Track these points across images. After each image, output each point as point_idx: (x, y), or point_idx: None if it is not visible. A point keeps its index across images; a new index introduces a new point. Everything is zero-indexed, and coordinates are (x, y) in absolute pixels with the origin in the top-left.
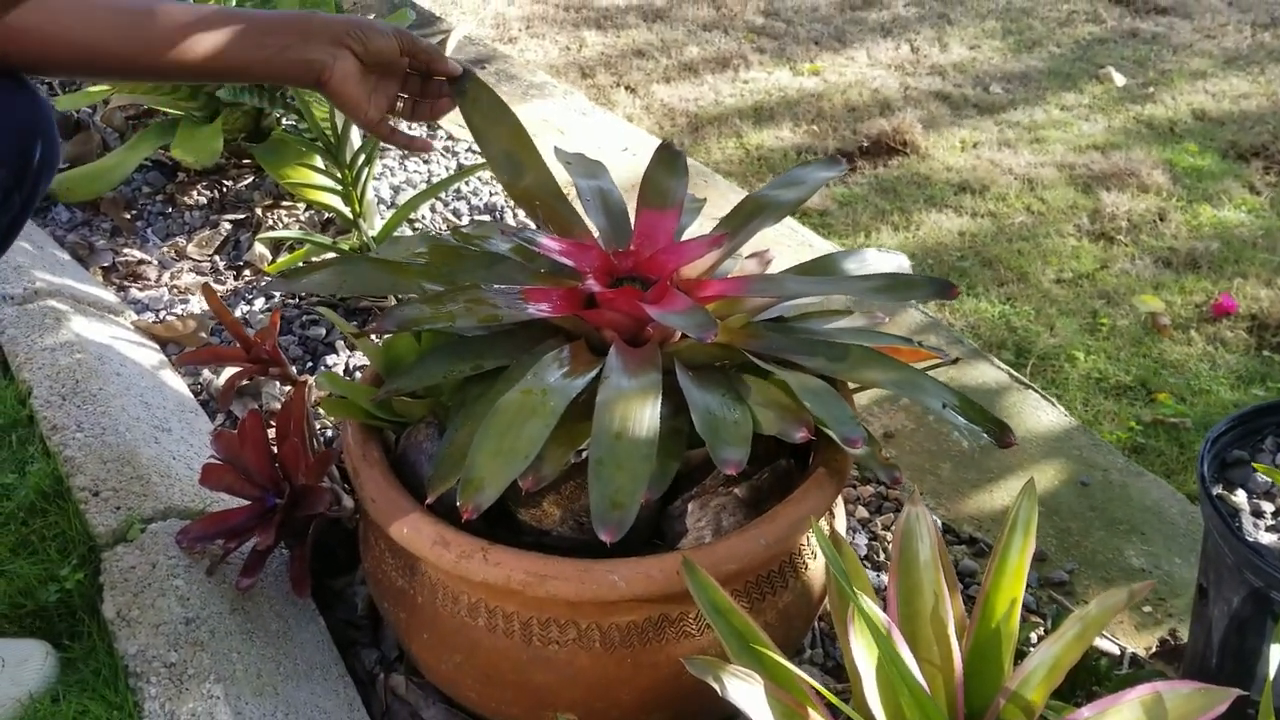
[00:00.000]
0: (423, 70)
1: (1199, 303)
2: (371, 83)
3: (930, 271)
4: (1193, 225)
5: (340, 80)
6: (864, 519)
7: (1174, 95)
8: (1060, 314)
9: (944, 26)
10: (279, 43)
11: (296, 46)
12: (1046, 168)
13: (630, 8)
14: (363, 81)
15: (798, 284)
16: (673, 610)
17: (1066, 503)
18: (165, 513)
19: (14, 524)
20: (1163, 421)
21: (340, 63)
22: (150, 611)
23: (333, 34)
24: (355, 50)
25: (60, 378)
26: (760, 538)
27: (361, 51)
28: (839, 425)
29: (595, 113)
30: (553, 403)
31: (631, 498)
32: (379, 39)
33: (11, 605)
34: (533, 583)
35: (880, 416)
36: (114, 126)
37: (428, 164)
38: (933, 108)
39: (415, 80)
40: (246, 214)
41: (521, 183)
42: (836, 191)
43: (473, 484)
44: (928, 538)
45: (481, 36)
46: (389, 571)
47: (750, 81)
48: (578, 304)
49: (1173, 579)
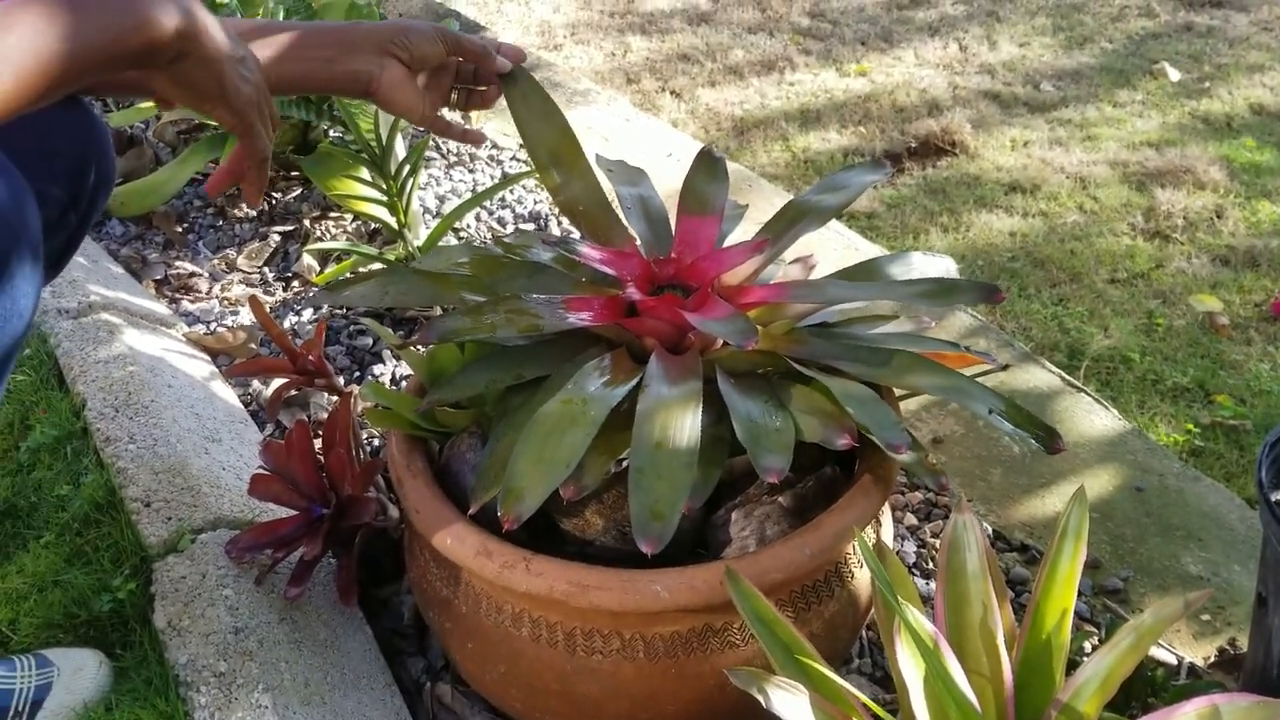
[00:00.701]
0: (474, 64)
1: (1258, 301)
2: (421, 83)
3: (980, 273)
4: (1251, 222)
5: (389, 89)
6: (913, 526)
7: (1230, 90)
8: (1115, 315)
9: (993, 24)
10: (322, 56)
11: (342, 59)
12: (1099, 166)
13: (675, 12)
14: (411, 86)
15: (840, 289)
16: (717, 620)
17: (1121, 508)
18: (215, 523)
19: (69, 535)
20: (1221, 424)
21: (387, 72)
22: (200, 621)
23: (377, 43)
24: (401, 58)
25: (114, 390)
26: (805, 547)
27: (407, 58)
28: (883, 431)
29: (639, 119)
30: (593, 412)
31: (672, 508)
32: (424, 44)
33: (66, 615)
34: (575, 593)
35: (929, 421)
36: (166, 141)
37: (472, 173)
38: (982, 107)
39: (467, 70)
40: (295, 225)
41: (567, 190)
42: (884, 193)
43: (513, 494)
44: (975, 547)
45: (526, 44)
46: (433, 581)
47: (796, 84)
48: (619, 312)
49: (1232, 587)
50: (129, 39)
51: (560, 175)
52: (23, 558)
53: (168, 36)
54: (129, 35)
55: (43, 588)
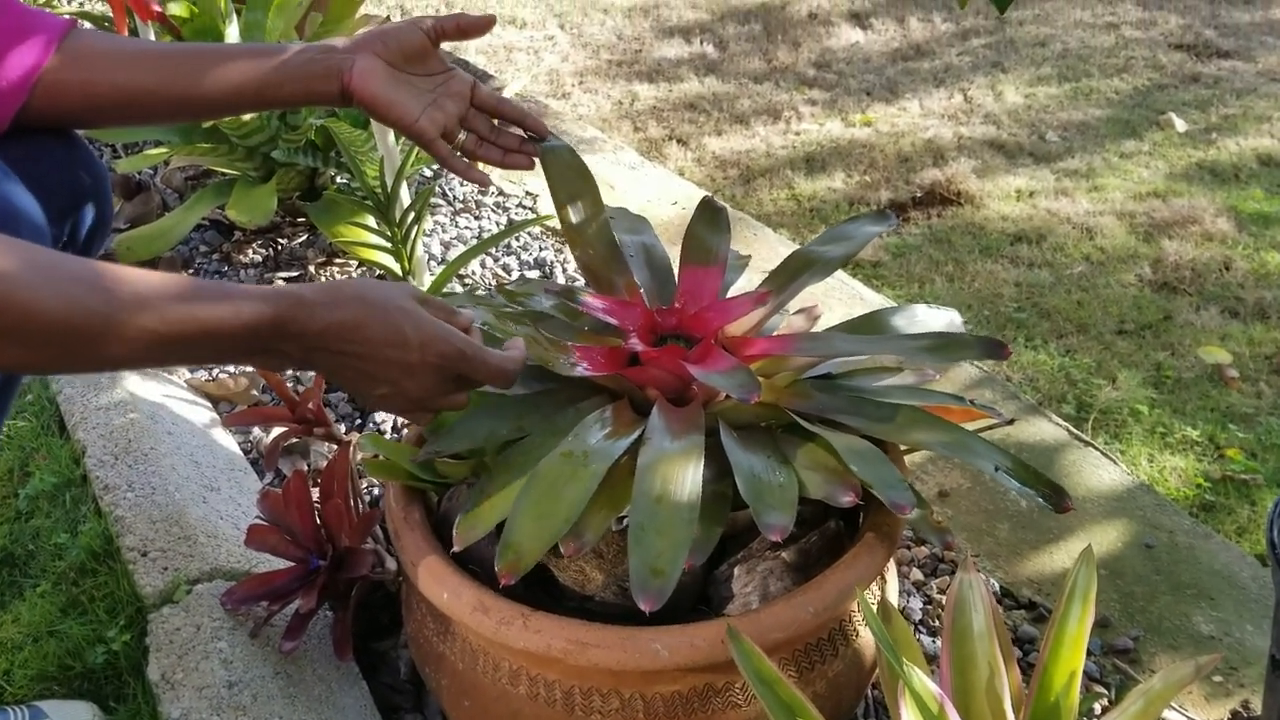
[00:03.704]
0: (490, 112)
1: (1268, 354)
2: (412, 88)
3: (986, 323)
4: (1260, 273)
5: (362, 76)
6: (919, 581)
7: (1238, 140)
8: (1122, 366)
9: (997, 75)
10: (300, 58)
11: (318, 59)
12: (1105, 216)
13: (682, 61)
14: (392, 81)
15: (844, 343)
16: (718, 680)
17: (1131, 565)
18: (211, 573)
19: (65, 584)
20: (1232, 478)
21: (361, 61)
22: (194, 674)
23: (353, 42)
24: (376, 50)
25: (114, 437)
26: (808, 605)
27: (383, 49)
28: (887, 489)
29: (645, 166)
30: (594, 465)
31: (672, 565)
32: (397, 31)
33: (60, 666)
34: (574, 650)
35: (935, 474)
36: (174, 187)
37: (479, 219)
38: (987, 157)
39: (484, 120)
40: (300, 271)
41: (581, 232)
42: (889, 242)
43: (511, 548)
44: (982, 606)
45: (534, 92)
46: (430, 636)
47: (802, 133)
48: (620, 363)
49: (1244, 647)
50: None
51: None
52: (18, 607)
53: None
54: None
55: (38, 638)
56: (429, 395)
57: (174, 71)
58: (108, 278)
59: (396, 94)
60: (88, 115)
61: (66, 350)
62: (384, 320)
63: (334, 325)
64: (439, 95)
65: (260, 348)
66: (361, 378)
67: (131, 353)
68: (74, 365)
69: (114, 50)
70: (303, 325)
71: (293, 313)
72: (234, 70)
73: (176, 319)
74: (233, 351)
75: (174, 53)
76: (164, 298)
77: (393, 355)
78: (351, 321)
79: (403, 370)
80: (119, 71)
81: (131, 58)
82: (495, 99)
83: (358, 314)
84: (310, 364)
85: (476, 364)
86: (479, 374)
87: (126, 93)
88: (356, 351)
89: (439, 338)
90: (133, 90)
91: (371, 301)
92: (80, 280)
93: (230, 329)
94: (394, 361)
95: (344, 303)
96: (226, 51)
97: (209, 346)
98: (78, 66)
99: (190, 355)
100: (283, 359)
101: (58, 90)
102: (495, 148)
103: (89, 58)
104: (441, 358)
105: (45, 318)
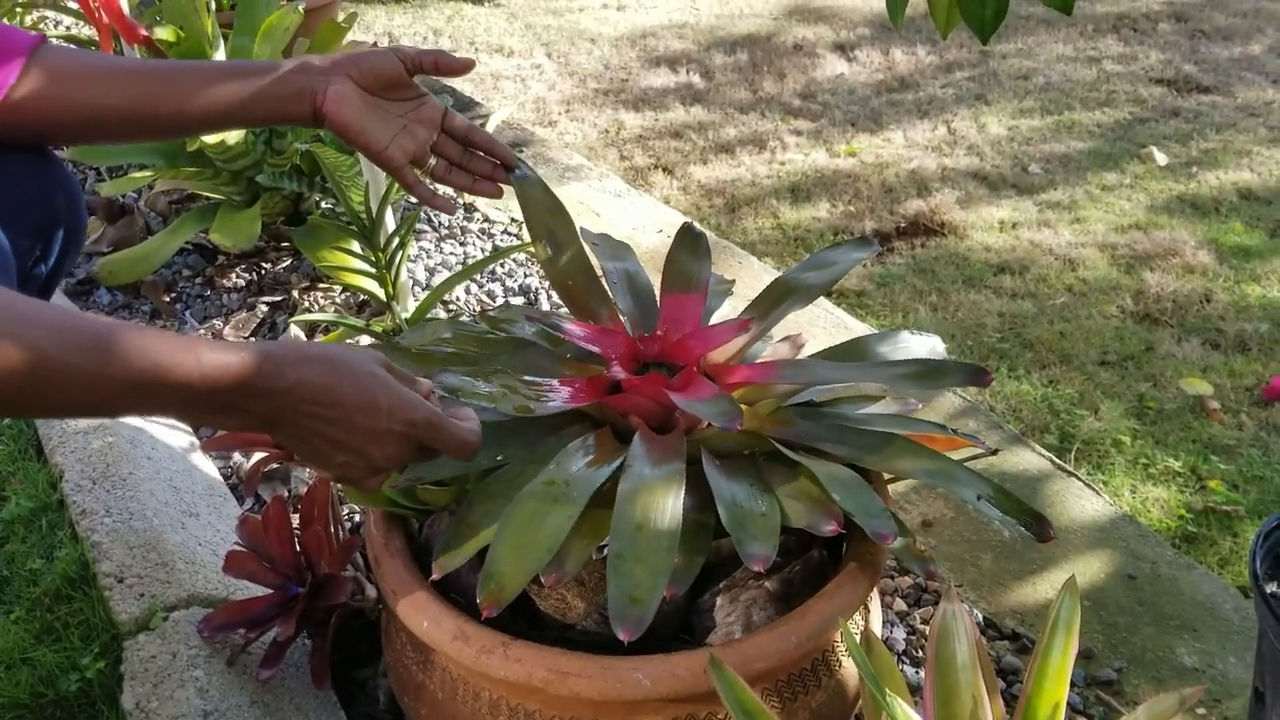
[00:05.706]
0: (461, 139)
1: (1249, 386)
2: (383, 114)
3: (969, 353)
4: (1240, 305)
5: (335, 100)
6: (902, 611)
7: (1218, 174)
8: (1105, 397)
9: (981, 107)
10: (272, 76)
11: (289, 80)
12: (1088, 248)
13: (669, 90)
14: (365, 108)
15: (827, 370)
16: (701, 710)
17: (1114, 596)
18: (188, 600)
19: (40, 610)
20: (1214, 509)
21: (334, 85)
22: (169, 703)
23: (329, 62)
24: (351, 74)
25: (91, 461)
26: (791, 635)
27: (357, 74)
28: (869, 519)
29: (630, 194)
30: (576, 494)
31: (651, 594)
32: (374, 57)
33: (33, 694)
34: (554, 680)
35: (918, 504)
36: (157, 210)
37: (464, 245)
38: (970, 188)
39: (455, 147)
40: (284, 296)
41: (558, 264)
42: (873, 271)
43: (493, 578)
44: (965, 637)
45: (521, 120)
46: (409, 665)
47: (787, 163)
48: (602, 390)
49: (1227, 679)
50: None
51: (555, 253)
52: None
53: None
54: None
55: (10, 665)
56: (391, 463)
57: (144, 89)
58: (60, 320)
59: (367, 120)
60: (57, 132)
61: (18, 393)
62: (354, 385)
63: (302, 384)
64: (410, 121)
65: (221, 403)
66: (325, 443)
67: (83, 401)
68: (20, 410)
69: (84, 67)
70: (270, 382)
71: (260, 366)
72: (204, 88)
73: (134, 367)
74: (192, 405)
75: (145, 70)
76: (121, 343)
77: (362, 421)
78: (321, 383)
79: (370, 437)
80: (89, 88)
81: (102, 75)
82: (466, 126)
83: (328, 376)
84: (273, 424)
85: (442, 433)
86: (443, 443)
87: (97, 109)
88: (325, 415)
89: (408, 405)
90: (103, 107)
91: (342, 365)
92: (34, 323)
93: (189, 380)
94: (363, 428)
95: (313, 361)
96: (198, 69)
97: (164, 398)
98: (47, 83)
99: (146, 405)
100: (244, 417)
101: (27, 106)
102: (465, 174)
103: (59, 74)
104: (409, 425)
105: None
